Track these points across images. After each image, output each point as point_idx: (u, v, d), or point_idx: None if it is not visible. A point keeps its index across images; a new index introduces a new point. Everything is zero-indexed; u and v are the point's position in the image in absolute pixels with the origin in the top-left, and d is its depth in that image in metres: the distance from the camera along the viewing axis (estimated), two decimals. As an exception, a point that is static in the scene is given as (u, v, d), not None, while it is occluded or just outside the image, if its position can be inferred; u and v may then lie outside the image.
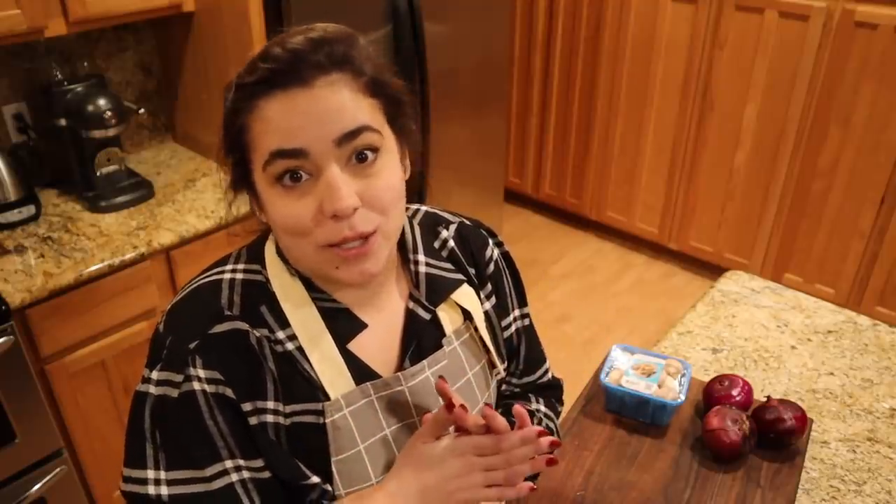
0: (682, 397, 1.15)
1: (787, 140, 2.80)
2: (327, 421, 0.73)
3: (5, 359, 1.59)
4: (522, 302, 0.96)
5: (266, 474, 0.72)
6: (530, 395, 1.00)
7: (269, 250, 0.78)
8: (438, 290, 0.82)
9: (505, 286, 0.92)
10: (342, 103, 0.66)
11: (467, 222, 0.90)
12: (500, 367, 0.89)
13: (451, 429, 0.73)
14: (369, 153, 0.68)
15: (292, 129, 0.65)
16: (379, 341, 0.79)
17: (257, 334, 0.72)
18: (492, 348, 0.87)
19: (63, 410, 1.78)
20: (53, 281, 1.65)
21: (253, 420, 0.71)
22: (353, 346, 0.77)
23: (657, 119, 3.15)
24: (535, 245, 3.65)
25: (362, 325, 0.77)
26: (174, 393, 0.69)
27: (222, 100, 0.71)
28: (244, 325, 0.72)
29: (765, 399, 1.16)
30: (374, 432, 0.76)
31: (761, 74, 2.77)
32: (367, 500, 0.72)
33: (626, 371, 1.20)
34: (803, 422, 1.12)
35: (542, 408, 0.98)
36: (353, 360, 0.76)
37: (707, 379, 1.29)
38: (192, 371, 0.69)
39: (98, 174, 1.98)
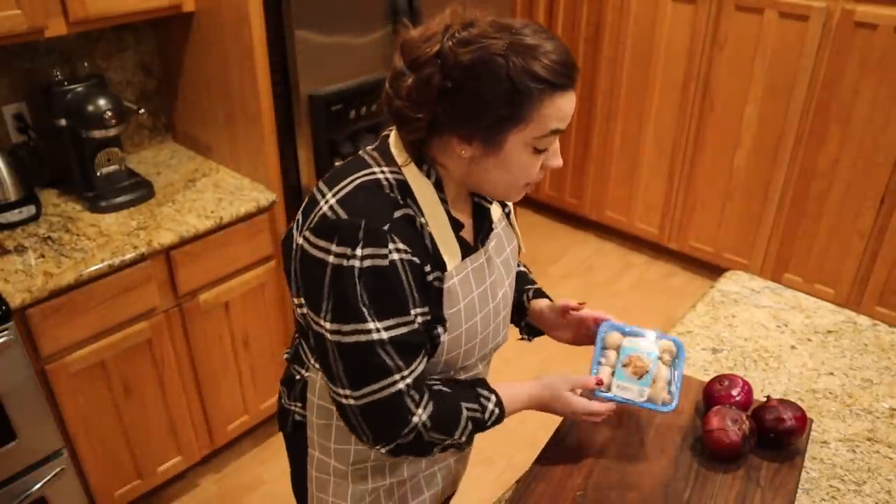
0: (675, 402, 1.10)
1: (787, 140, 2.80)
2: (445, 285, 0.99)
3: (5, 359, 1.59)
4: None
5: (430, 316, 0.99)
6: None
7: (400, 156, 0.99)
8: None
9: None
10: None
11: None
12: (523, 247, 1.24)
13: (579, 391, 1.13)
14: None
15: (567, 118, 0.94)
16: (467, 232, 1.06)
17: (420, 219, 0.97)
18: (518, 231, 1.20)
19: (63, 410, 1.78)
20: (53, 281, 1.65)
21: (430, 278, 0.97)
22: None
23: (657, 119, 3.15)
24: (535, 245, 3.65)
25: (461, 225, 1.03)
26: (384, 262, 0.92)
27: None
28: (411, 211, 0.96)
29: (765, 399, 1.17)
30: (468, 293, 1.03)
31: (761, 74, 2.77)
32: (517, 387, 1.11)
33: (617, 371, 1.12)
34: (803, 422, 1.12)
35: (522, 267, 1.41)
36: (462, 242, 1.03)
37: (707, 379, 1.29)
38: (391, 245, 0.92)
39: (98, 174, 1.98)
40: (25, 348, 1.63)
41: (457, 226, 1.01)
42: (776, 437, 1.11)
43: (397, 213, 0.94)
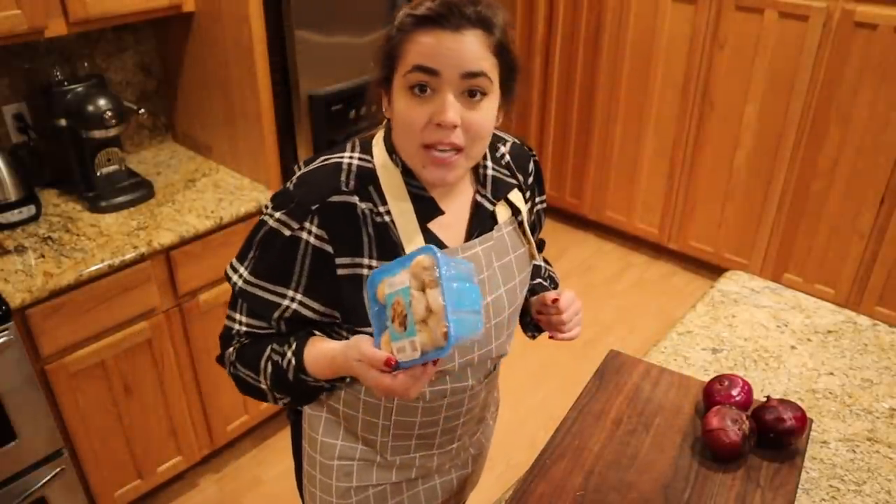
0: (454, 330, 0.77)
1: (787, 140, 2.80)
2: None
3: (5, 359, 1.59)
4: (543, 191, 1.20)
5: (309, 313, 0.99)
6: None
7: (378, 145, 1.00)
8: (500, 189, 1.06)
9: (534, 194, 1.17)
10: (474, 50, 0.89)
11: (517, 141, 1.15)
12: (538, 256, 1.18)
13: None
14: (479, 93, 0.90)
15: (435, 55, 0.88)
16: (452, 223, 1.02)
17: (363, 206, 0.96)
18: (532, 241, 1.13)
19: (63, 410, 1.78)
20: (53, 281, 1.65)
21: (345, 271, 0.96)
22: (433, 225, 1.00)
23: (657, 119, 3.15)
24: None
25: (440, 211, 1.00)
26: (286, 233, 0.95)
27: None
28: (354, 199, 0.95)
29: (765, 399, 1.17)
30: None
31: (761, 74, 2.77)
32: (325, 344, 0.97)
33: (390, 331, 0.83)
34: (803, 422, 1.12)
35: (543, 262, 1.31)
36: (430, 234, 1.00)
37: (707, 379, 1.29)
38: (306, 224, 0.94)
39: (98, 174, 1.98)
40: (25, 348, 1.64)
41: (427, 213, 0.99)
42: (776, 437, 1.11)
43: (335, 198, 0.95)
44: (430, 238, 1.00)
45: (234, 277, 1.02)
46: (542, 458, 1.13)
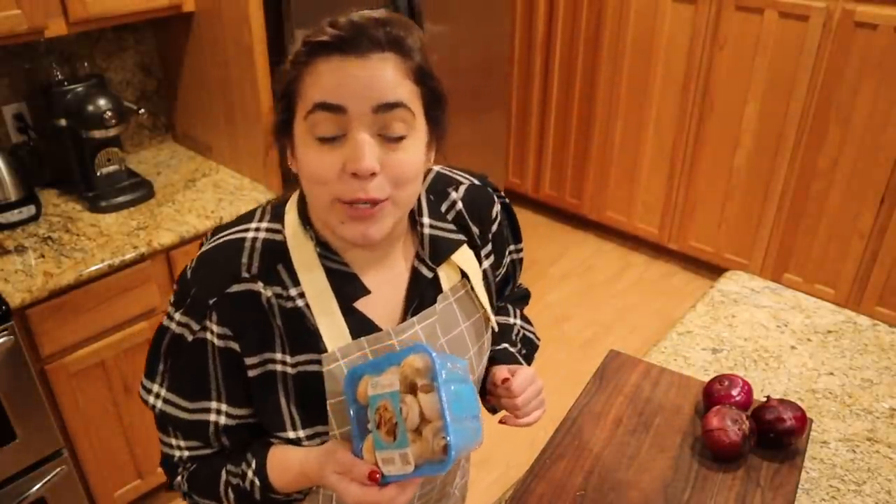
0: (453, 449, 0.68)
1: (786, 140, 2.80)
2: (324, 370, 0.81)
3: (5, 359, 1.59)
4: (518, 239, 1.06)
5: (238, 422, 0.85)
6: (509, 306, 1.14)
7: (290, 211, 0.85)
8: (441, 251, 0.89)
9: (504, 243, 1.01)
10: (387, 78, 0.73)
11: (476, 182, 0.98)
12: (493, 321, 0.98)
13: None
14: (399, 129, 0.74)
15: (338, 87, 0.72)
16: (385, 298, 0.86)
17: (269, 294, 0.80)
18: (486, 305, 0.95)
19: (63, 410, 1.78)
20: (53, 281, 1.65)
21: (255, 371, 0.82)
22: (360, 303, 0.84)
23: (657, 119, 3.15)
24: (535, 245, 3.64)
25: (365, 291, 0.84)
26: (189, 337, 0.81)
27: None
28: (257, 287, 0.80)
29: (765, 399, 1.17)
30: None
31: (761, 74, 2.77)
32: (289, 453, 0.84)
33: (375, 439, 0.74)
34: (803, 422, 1.12)
35: (519, 321, 1.14)
36: (356, 315, 0.84)
37: (707, 379, 1.29)
38: (207, 323, 0.80)
39: (98, 174, 1.98)
40: (25, 348, 1.63)
41: (350, 293, 0.82)
42: (776, 437, 1.11)
43: (234, 288, 0.79)
44: (357, 320, 0.83)
45: (151, 399, 0.86)
46: (542, 458, 1.14)
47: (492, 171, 2.86)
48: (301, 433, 0.83)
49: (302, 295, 0.81)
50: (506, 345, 1.08)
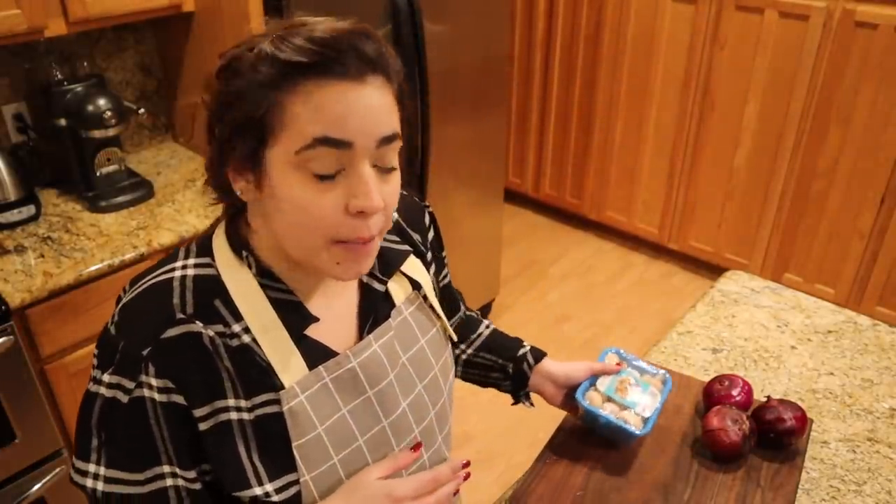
0: (649, 427, 1.07)
1: (787, 140, 2.80)
2: (284, 409, 0.73)
3: (5, 359, 1.59)
4: (442, 246, 1.02)
5: (198, 486, 0.74)
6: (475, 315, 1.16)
7: (218, 242, 0.77)
8: (390, 262, 0.84)
9: (441, 249, 0.99)
10: (386, 106, 0.68)
11: (405, 193, 0.90)
12: (451, 332, 0.94)
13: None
14: (394, 160, 0.70)
15: (344, 121, 0.65)
16: (337, 321, 0.80)
17: (210, 333, 0.72)
18: (443, 316, 0.92)
19: (63, 410, 1.78)
20: (53, 281, 1.65)
21: (207, 424, 0.72)
22: (311, 329, 0.77)
23: (657, 119, 3.15)
24: (535, 245, 3.65)
25: (313, 319, 0.77)
26: (124, 398, 0.70)
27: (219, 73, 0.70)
28: (197, 327, 0.71)
29: (765, 399, 1.16)
30: (332, 413, 0.76)
31: (761, 74, 2.77)
32: None
33: (608, 388, 1.12)
34: (803, 422, 1.12)
35: (477, 315, 1.17)
36: (309, 343, 0.77)
37: (707, 379, 1.29)
38: (143, 378, 0.70)
39: (98, 174, 1.98)
40: (25, 348, 1.63)
41: (298, 322, 0.76)
42: (776, 437, 1.11)
43: (170, 332, 0.70)
44: (310, 348, 0.76)
45: (89, 482, 0.72)
46: (542, 458, 1.13)
47: (492, 171, 2.86)
48: (269, 487, 0.73)
49: (246, 330, 0.73)
50: (528, 346, 1.15)
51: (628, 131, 3.28)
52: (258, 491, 0.73)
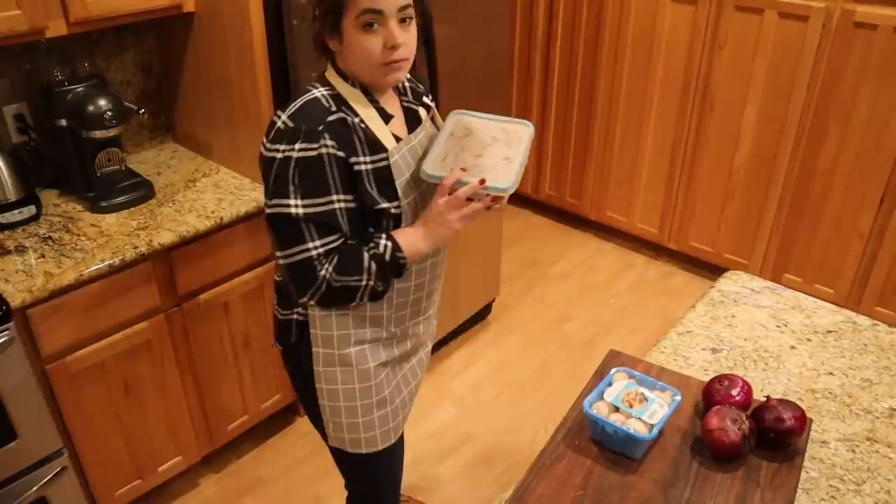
0: (656, 432, 1.09)
1: (786, 140, 2.80)
2: (391, 161, 1.27)
3: (6, 359, 1.59)
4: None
5: (354, 205, 1.25)
6: None
7: (332, 77, 1.29)
8: (417, 96, 1.43)
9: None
10: None
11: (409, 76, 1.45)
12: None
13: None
14: (408, 19, 1.22)
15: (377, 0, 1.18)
16: (398, 124, 1.34)
17: (350, 119, 1.24)
18: (441, 123, 1.44)
19: (63, 410, 1.78)
20: (54, 281, 1.65)
21: (355, 168, 1.23)
22: (390, 127, 1.30)
23: (657, 119, 3.15)
24: (535, 245, 3.65)
25: (391, 116, 1.31)
26: (314, 153, 1.20)
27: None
28: (343, 114, 1.24)
29: (764, 399, 1.17)
30: (410, 166, 1.31)
31: (761, 75, 2.77)
32: (409, 229, 1.30)
33: (615, 398, 1.16)
34: (803, 421, 1.12)
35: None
36: (390, 130, 1.31)
37: (707, 379, 1.29)
38: (323, 141, 1.20)
39: (98, 174, 1.98)
40: (26, 348, 1.64)
41: (386, 117, 1.29)
42: (776, 437, 1.11)
43: (331, 118, 1.22)
44: (394, 136, 1.30)
45: (292, 210, 1.20)
46: (542, 458, 1.14)
47: (492, 172, 2.86)
48: (387, 204, 1.26)
49: (362, 121, 1.25)
50: None
51: (628, 131, 3.28)
52: (384, 205, 1.26)
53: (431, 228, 1.27)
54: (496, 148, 1.29)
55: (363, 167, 1.25)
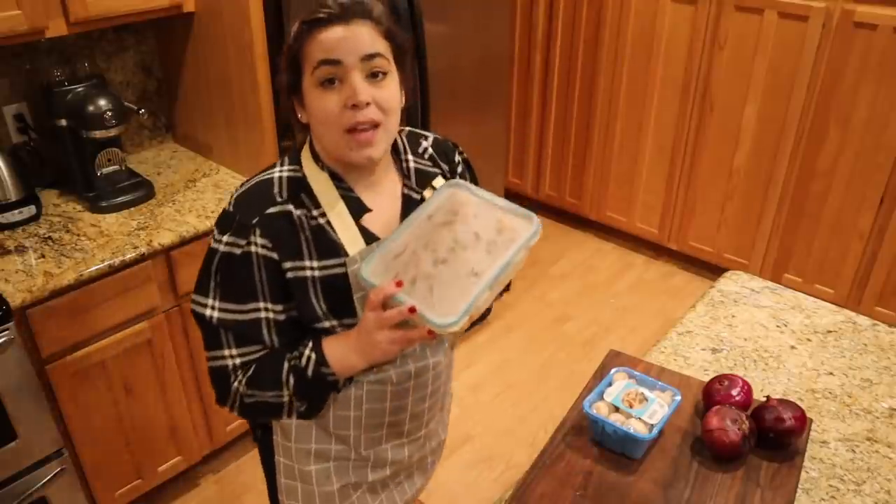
0: (656, 432, 1.09)
1: (786, 140, 2.80)
2: (349, 270, 1.05)
3: (6, 359, 1.59)
4: (476, 182, 1.23)
5: (283, 317, 1.06)
6: None
7: (305, 154, 1.09)
8: (424, 179, 1.15)
9: (471, 181, 1.25)
10: (367, 36, 1.00)
11: (439, 138, 1.25)
12: None
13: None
14: (380, 73, 1.01)
15: (335, 47, 0.98)
16: (384, 218, 1.11)
17: (298, 213, 1.04)
18: None
19: (63, 410, 1.78)
20: (54, 281, 1.65)
21: (291, 274, 1.04)
22: (365, 221, 1.08)
23: (657, 119, 3.15)
24: (535, 245, 3.63)
25: (367, 210, 1.08)
26: (238, 251, 1.03)
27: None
28: (289, 208, 1.04)
29: (764, 399, 1.17)
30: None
31: (761, 74, 2.77)
32: (342, 334, 1.06)
33: (615, 398, 1.15)
34: (803, 421, 1.12)
35: None
36: (364, 230, 1.08)
37: (707, 379, 1.29)
38: (252, 238, 1.02)
39: (98, 174, 1.98)
40: (26, 348, 1.64)
41: (359, 211, 1.08)
42: (776, 437, 1.11)
43: (271, 210, 1.03)
44: (366, 234, 1.08)
45: (207, 311, 1.05)
46: (542, 458, 1.14)
47: (492, 171, 2.86)
48: (333, 322, 1.06)
49: (323, 214, 1.05)
50: None
51: (628, 131, 3.28)
52: (326, 324, 1.06)
53: (361, 344, 1.01)
54: (471, 252, 0.98)
55: (307, 273, 1.03)
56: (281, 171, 1.08)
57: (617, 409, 1.14)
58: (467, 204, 1.04)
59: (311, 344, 1.05)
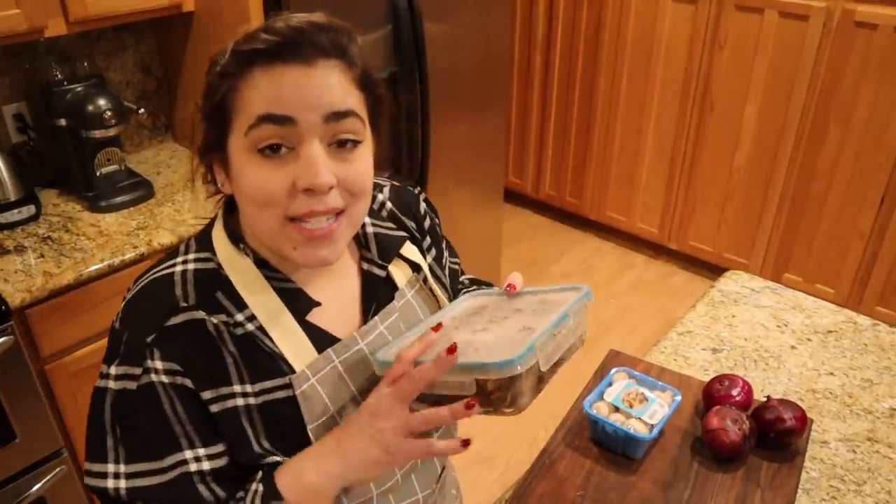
0: (656, 432, 1.08)
1: (786, 140, 2.80)
2: (297, 392, 0.74)
3: (5, 359, 1.59)
4: (454, 253, 1.05)
5: (223, 461, 0.73)
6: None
7: (218, 235, 0.78)
8: (388, 248, 0.86)
9: (440, 238, 0.98)
10: (335, 86, 0.68)
11: (395, 183, 0.95)
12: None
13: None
14: (351, 139, 0.70)
15: (284, 97, 0.66)
16: (339, 308, 0.81)
17: (214, 321, 0.73)
18: (444, 299, 0.92)
19: (63, 410, 1.78)
20: (53, 281, 1.65)
21: (216, 407, 0.72)
22: (313, 317, 0.78)
23: (657, 119, 3.15)
24: (535, 245, 3.65)
25: (315, 304, 0.78)
26: (133, 386, 0.70)
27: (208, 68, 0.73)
28: (200, 314, 0.72)
29: (765, 399, 1.16)
30: (344, 395, 0.78)
31: (761, 74, 2.77)
32: (303, 453, 0.75)
33: (615, 398, 1.14)
34: (803, 422, 1.12)
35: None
36: (313, 330, 0.78)
37: (707, 379, 1.29)
38: (149, 363, 0.70)
39: (98, 174, 1.98)
40: (25, 348, 1.63)
41: (303, 307, 0.76)
42: (776, 437, 1.11)
43: (173, 320, 0.71)
44: (316, 335, 0.77)
45: (110, 483, 0.71)
46: (542, 458, 1.13)
47: (492, 171, 2.86)
48: (279, 457, 0.75)
49: (251, 318, 0.74)
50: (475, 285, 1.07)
51: (628, 131, 3.28)
52: (277, 458, 0.75)
53: (350, 439, 0.72)
54: (515, 319, 0.78)
55: (238, 402, 0.72)
56: (185, 263, 0.75)
57: (617, 409, 1.14)
58: (496, 298, 0.86)
59: (260, 475, 0.74)
